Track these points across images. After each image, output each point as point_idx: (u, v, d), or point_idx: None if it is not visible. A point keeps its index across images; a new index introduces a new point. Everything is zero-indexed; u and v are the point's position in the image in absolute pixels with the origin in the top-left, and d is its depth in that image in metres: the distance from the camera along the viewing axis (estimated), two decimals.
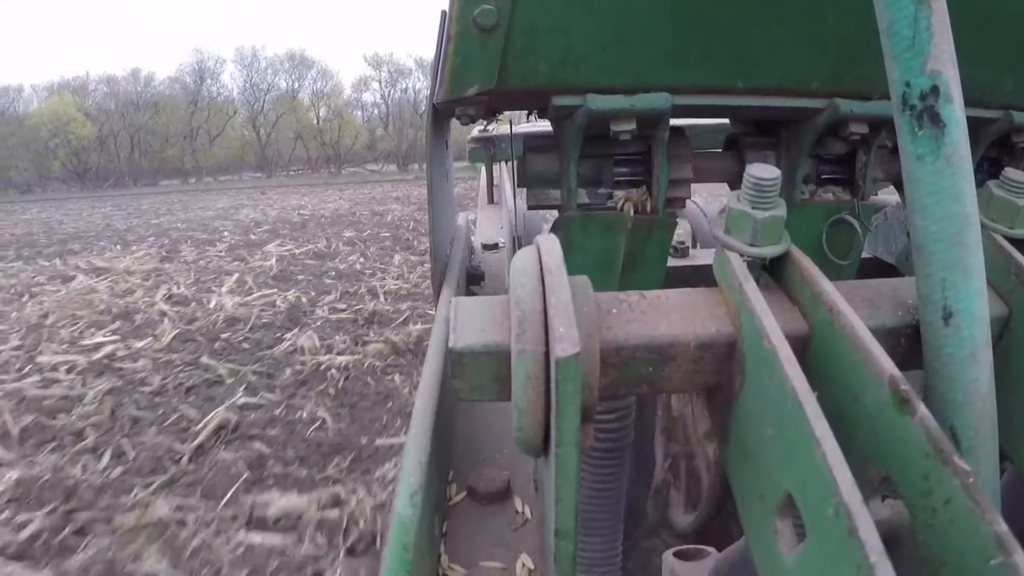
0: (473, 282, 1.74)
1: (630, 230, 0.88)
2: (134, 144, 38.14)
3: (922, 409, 0.43)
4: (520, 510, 0.85)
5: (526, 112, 1.00)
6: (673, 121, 0.83)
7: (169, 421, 3.09)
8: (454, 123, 1.04)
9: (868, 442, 0.48)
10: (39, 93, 39.86)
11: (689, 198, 0.92)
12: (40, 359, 4.12)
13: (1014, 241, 0.65)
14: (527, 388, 0.49)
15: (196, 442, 2.80)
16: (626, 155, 0.88)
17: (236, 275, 6.51)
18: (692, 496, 1.80)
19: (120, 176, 37.43)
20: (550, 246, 0.54)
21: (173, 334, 4.47)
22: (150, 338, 4.44)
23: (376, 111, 42.73)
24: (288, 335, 4.29)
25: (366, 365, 3.68)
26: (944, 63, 0.49)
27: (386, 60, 41.45)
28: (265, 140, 39.73)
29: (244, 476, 2.49)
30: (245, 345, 4.22)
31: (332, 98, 42.03)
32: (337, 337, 4.20)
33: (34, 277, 7.34)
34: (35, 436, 2.96)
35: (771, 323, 0.50)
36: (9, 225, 14.22)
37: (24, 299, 6.11)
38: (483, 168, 3.45)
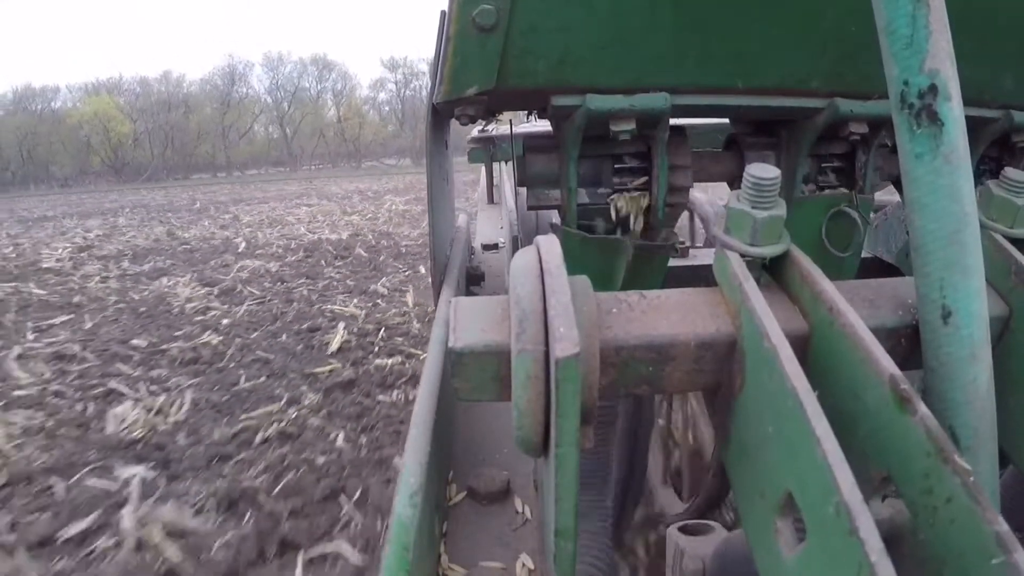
0: (473, 282, 1.74)
1: (631, 258, 0.87)
2: (168, 141, 41.38)
3: (922, 408, 0.43)
4: (520, 510, 0.85)
5: (526, 112, 1.00)
6: (673, 120, 0.83)
7: (410, 224, 9.92)
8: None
9: (868, 441, 0.48)
10: (74, 93, 43.40)
11: (688, 199, 0.92)
12: (344, 219, 11.01)
13: (1014, 240, 0.65)
14: (527, 388, 0.49)
15: (425, 225, 6.49)
16: (626, 155, 0.88)
17: (387, 204, 13.69)
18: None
19: (155, 170, 40.16)
20: (550, 246, 0.54)
21: (388, 214, 11.43)
22: (381, 213, 11.60)
23: (390, 108, 46.65)
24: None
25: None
26: (942, 61, 0.49)
27: (400, 63, 45.57)
28: (292, 137, 43.45)
29: None
30: (416, 216, 10.71)
31: (351, 98, 45.60)
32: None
33: (272, 211, 13.62)
34: (371, 214, 11.61)
35: (771, 322, 0.50)
36: (141, 201, 20.01)
37: (282, 218, 11.87)
38: (483, 168, 3.45)
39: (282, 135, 44.12)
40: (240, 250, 7.94)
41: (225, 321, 4.46)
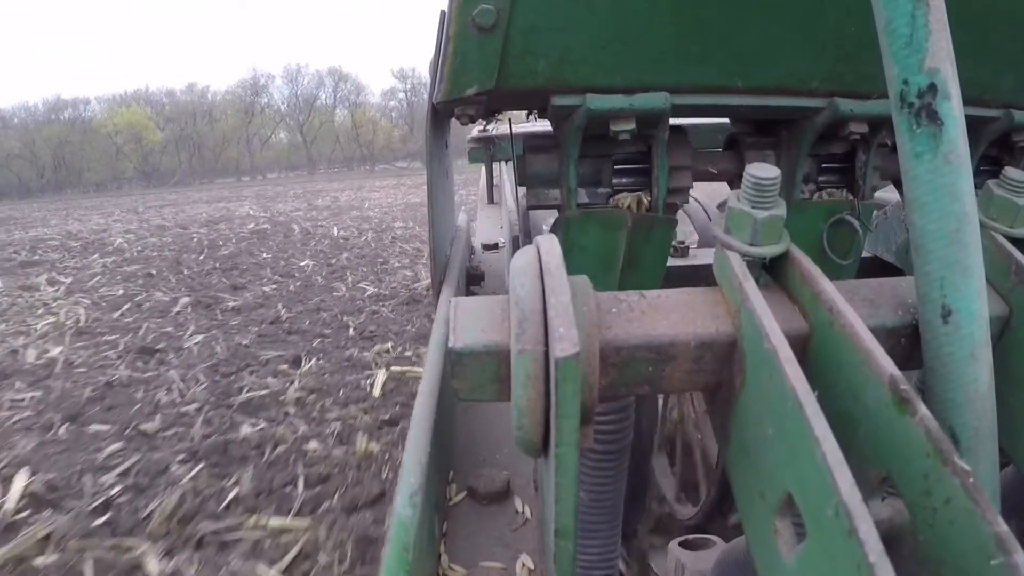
0: (473, 282, 1.74)
1: (631, 228, 0.87)
2: (195, 148, 45.09)
3: (922, 409, 0.43)
4: (520, 510, 0.85)
5: (526, 112, 1.00)
6: (673, 120, 0.83)
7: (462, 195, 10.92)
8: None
9: (868, 442, 0.48)
10: (102, 104, 46.55)
11: (688, 198, 0.91)
12: (408, 196, 16.47)
13: (1014, 240, 0.65)
14: (527, 388, 0.49)
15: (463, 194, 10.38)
16: (626, 155, 0.88)
17: None
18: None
19: (182, 176, 43.28)
20: (550, 246, 0.54)
21: None
22: None
23: (399, 115, 50.71)
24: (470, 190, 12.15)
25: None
26: (942, 60, 0.49)
27: (410, 74, 49.39)
28: (311, 143, 47.58)
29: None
30: (464, 198, 11.43)
31: (365, 106, 49.55)
32: None
33: (354, 195, 17.87)
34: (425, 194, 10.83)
35: (771, 323, 0.50)
36: (217, 196, 23.40)
37: (367, 197, 16.34)
38: (483, 168, 3.45)
39: (301, 141, 48.37)
40: (367, 207, 13.45)
41: (399, 222, 10.07)
